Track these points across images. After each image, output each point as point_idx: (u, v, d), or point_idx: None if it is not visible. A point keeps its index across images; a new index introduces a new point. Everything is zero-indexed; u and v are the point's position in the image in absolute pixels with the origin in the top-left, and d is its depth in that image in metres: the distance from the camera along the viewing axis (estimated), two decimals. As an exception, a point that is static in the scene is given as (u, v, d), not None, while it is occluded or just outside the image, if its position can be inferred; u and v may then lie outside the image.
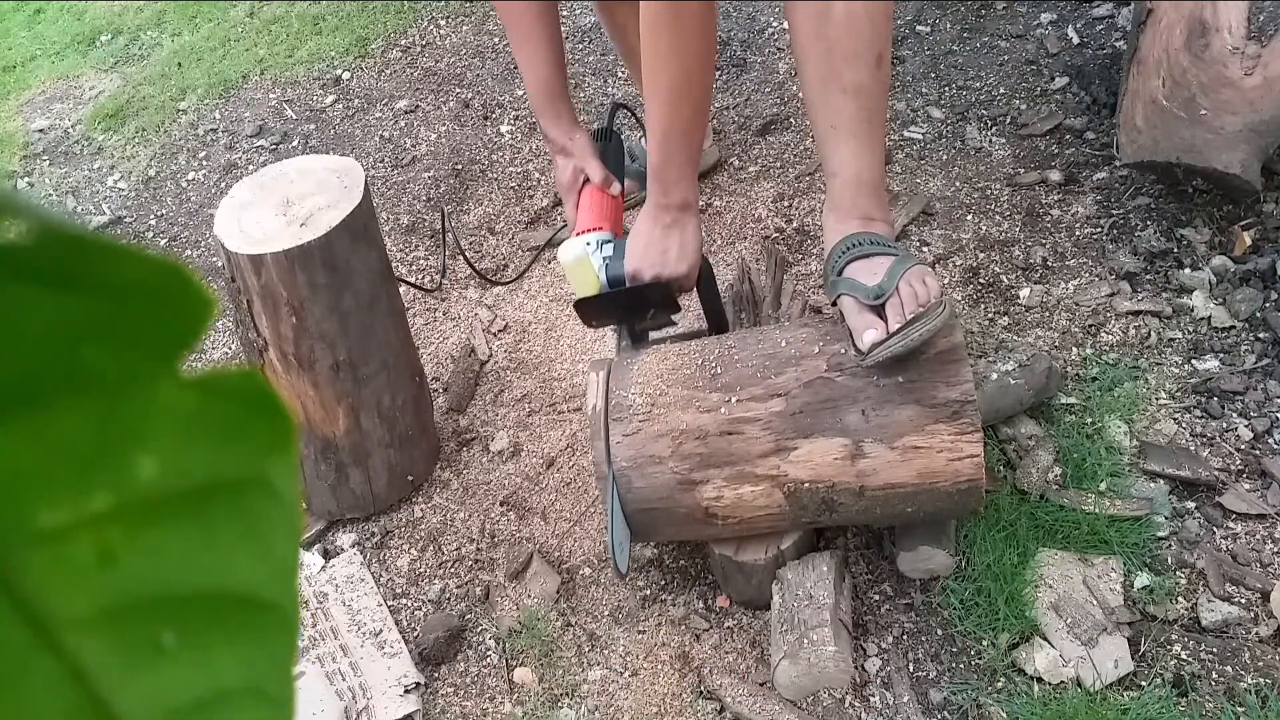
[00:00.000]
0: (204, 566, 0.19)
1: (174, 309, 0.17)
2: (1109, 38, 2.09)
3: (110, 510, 0.17)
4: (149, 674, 0.19)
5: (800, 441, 1.22)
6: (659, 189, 1.34)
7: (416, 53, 2.56)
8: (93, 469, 0.17)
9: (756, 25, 2.37)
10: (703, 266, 1.40)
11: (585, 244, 1.42)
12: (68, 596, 0.17)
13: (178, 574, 0.18)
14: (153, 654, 0.18)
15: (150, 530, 0.18)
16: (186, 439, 0.18)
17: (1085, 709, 1.18)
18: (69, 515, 0.17)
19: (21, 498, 0.17)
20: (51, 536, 0.17)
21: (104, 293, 0.16)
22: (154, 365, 0.17)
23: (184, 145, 2.44)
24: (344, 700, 1.35)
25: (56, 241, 0.16)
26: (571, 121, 1.61)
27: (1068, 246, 1.72)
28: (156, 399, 0.17)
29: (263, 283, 1.34)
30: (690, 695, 1.31)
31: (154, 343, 0.17)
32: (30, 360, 0.16)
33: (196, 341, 0.18)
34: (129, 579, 0.18)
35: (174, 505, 0.18)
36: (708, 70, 1.30)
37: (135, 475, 0.17)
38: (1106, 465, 1.40)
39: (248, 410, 0.18)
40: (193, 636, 0.19)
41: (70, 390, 0.17)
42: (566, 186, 1.60)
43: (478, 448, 1.67)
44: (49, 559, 0.17)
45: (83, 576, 0.17)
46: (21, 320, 0.16)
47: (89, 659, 0.18)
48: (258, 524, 0.19)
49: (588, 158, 1.57)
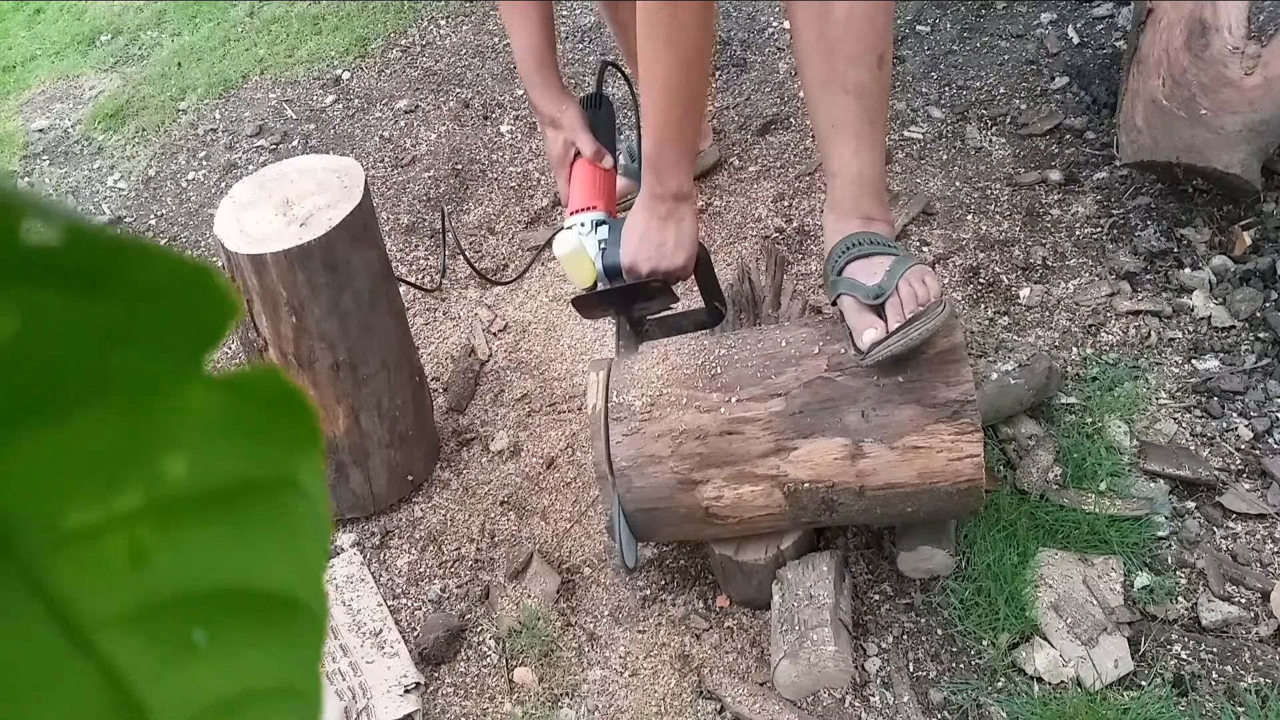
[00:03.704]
0: (233, 565, 0.19)
1: (199, 309, 0.17)
2: (1109, 38, 2.09)
3: (140, 510, 0.17)
4: (181, 672, 0.19)
5: (800, 441, 1.22)
6: (654, 179, 1.32)
7: (416, 53, 2.56)
8: (122, 469, 0.17)
9: (756, 25, 2.37)
10: (700, 253, 1.38)
11: (579, 231, 1.40)
12: (99, 596, 0.17)
13: (207, 572, 0.18)
14: (184, 652, 0.18)
15: (179, 529, 0.18)
16: (214, 439, 0.18)
17: (1085, 709, 1.18)
18: (99, 515, 0.17)
19: (52, 499, 0.17)
20: (82, 537, 0.17)
21: (131, 294, 0.16)
22: (180, 366, 0.17)
23: (184, 145, 2.44)
24: (344, 700, 1.36)
25: (84, 243, 0.16)
26: (560, 92, 1.57)
27: (1068, 246, 1.72)
28: (183, 399, 0.17)
29: (263, 283, 1.34)
30: (690, 695, 1.31)
31: (180, 343, 0.17)
32: (58, 363, 0.16)
33: (222, 341, 0.18)
34: (159, 578, 0.18)
35: (203, 504, 0.18)
36: (704, 58, 1.28)
37: (164, 475, 0.18)
38: (1106, 465, 1.40)
39: (273, 409, 0.18)
40: (223, 635, 0.19)
41: (98, 392, 0.17)
42: (557, 160, 1.57)
43: (478, 448, 1.67)
44: (80, 559, 0.17)
45: (114, 576, 0.17)
46: (49, 324, 0.16)
47: (121, 658, 0.18)
48: (285, 522, 0.19)
49: (578, 130, 1.54)
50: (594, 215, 1.44)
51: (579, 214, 1.45)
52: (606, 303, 1.42)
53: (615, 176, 1.57)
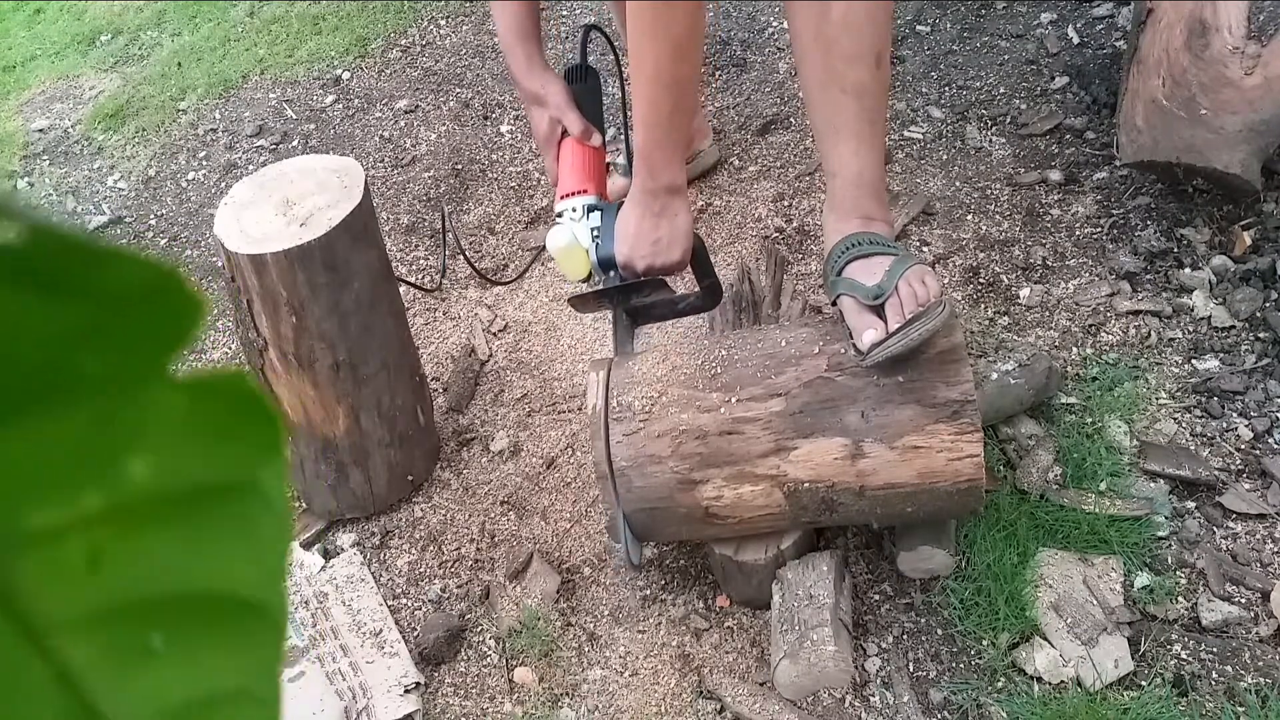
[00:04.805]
0: (193, 569, 0.19)
1: (166, 311, 0.17)
2: (1109, 38, 2.09)
3: (100, 512, 0.17)
4: (138, 676, 0.19)
5: (800, 441, 1.22)
6: (646, 172, 1.30)
7: (416, 53, 2.56)
8: (84, 471, 0.17)
9: (756, 25, 2.37)
10: (695, 245, 1.37)
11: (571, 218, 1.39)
12: (57, 598, 0.17)
13: (167, 576, 0.18)
14: (142, 656, 0.18)
15: (140, 533, 0.18)
16: (177, 442, 0.18)
17: (1085, 709, 1.18)
18: (59, 517, 0.17)
19: (12, 499, 0.17)
20: (42, 538, 0.17)
21: (96, 296, 0.16)
22: (145, 368, 0.17)
23: (184, 145, 2.44)
24: (344, 700, 1.35)
25: (49, 245, 0.16)
26: (543, 67, 1.53)
27: (1068, 246, 1.72)
28: (148, 402, 0.17)
29: (263, 283, 1.34)
30: (690, 695, 1.31)
31: (145, 345, 0.17)
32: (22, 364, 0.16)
33: (188, 343, 0.18)
34: (118, 581, 0.18)
35: (164, 508, 0.18)
36: (695, 49, 1.26)
37: (126, 477, 0.17)
38: (1106, 465, 1.40)
39: (237, 413, 0.18)
40: (182, 639, 0.19)
41: (62, 393, 0.17)
42: (543, 140, 1.52)
43: (478, 448, 1.67)
44: (39, 561, 0.17)
45: (72, 579, 0.17)
46: (13, 324, 0.16)
47: (78, 661, 0.18)
48: (247, 526, 0.19)
49: (564, 108, 1.49)
50: (585, 200, 1.41)
51: (569, 198, 1.42)
52: (603, 300, 1.42)
53: (604, 154, 1.53)
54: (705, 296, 1.44)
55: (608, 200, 1.45)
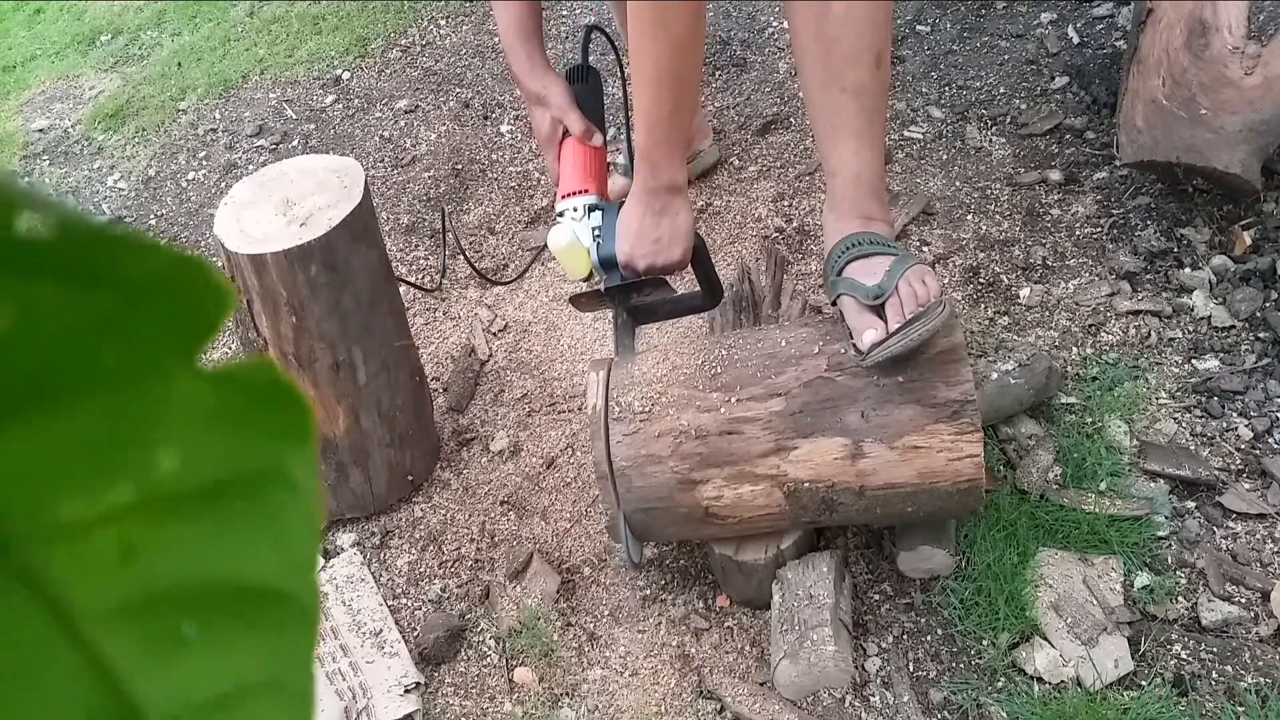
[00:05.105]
0: (224, 559, 0.19)
1: (192, 302, 0.17)
2: (1109, 38, 2.09)
3: (131, 503, 0.17)
4: (171, 667, 0.19)
5: (800, 441, 1.22)
6: (647, 171, 1.30)
7: (416, 53, 2.56)
8: (113, 463, 0.17)
9: (756, 25, 2.37)
10: (695, 244, 1.37)
11: (572, 218, 1.39)
12: (90, 589, 0.17)
13: (198, 566, 0.18)
14: (174, 647, 0.18)
15: (170, 523, 0.18)
16: (206, 432, 0.18)
17: (1085, 709, 1.18)
18: (90, 509, 0.17)
19: (43, 492, 0.17)
20: (73, 530, 0.17)
21: (123, 287, 0.16)
22: (173, 359, 0.17)
23: (184, 145, 2.44)
24: (344, 700, 1.35)
25: (77, 236, 0.16)
26: (545, 67, 1.53)
27: (1068, 246, 1.72)
28: (175, 393, 0.17)
29: (263, 283, 1.34)
30: (690, 695, 1.31)
31: (173, 336, 0.17)
32: (50, 356, 0.16)
33: (215, 334, 0.18)
34: (150, 572, 0.18)
35: (194, 498, 0.18)
36: (696, 46, 1.26)
37: (155, 469, 0.17)
38: (1106, 465, 1.40)
39: (265, 402, 0.18)
40: (214, 629, 0.19)
41: (90, 385, 0.17)
42: (545, 139, 1.52)
43: (478, 448, 1.67)
44: (71, 552, 0.17)
45: (104, 569, 0.17)
46: (42, 316, 0.16)
47: (111, 652, 0.18)
48: (276, 516, 0.19)
49: (566, 108, 1.48)
50: (586, 200, 1.42)
51: (570, 198, 1.43)
52: (604, 299, 1.42)
53: (606, 153, 1.53)
54: (706, 296, 1.44)
55: (609, 200, 1.45)
